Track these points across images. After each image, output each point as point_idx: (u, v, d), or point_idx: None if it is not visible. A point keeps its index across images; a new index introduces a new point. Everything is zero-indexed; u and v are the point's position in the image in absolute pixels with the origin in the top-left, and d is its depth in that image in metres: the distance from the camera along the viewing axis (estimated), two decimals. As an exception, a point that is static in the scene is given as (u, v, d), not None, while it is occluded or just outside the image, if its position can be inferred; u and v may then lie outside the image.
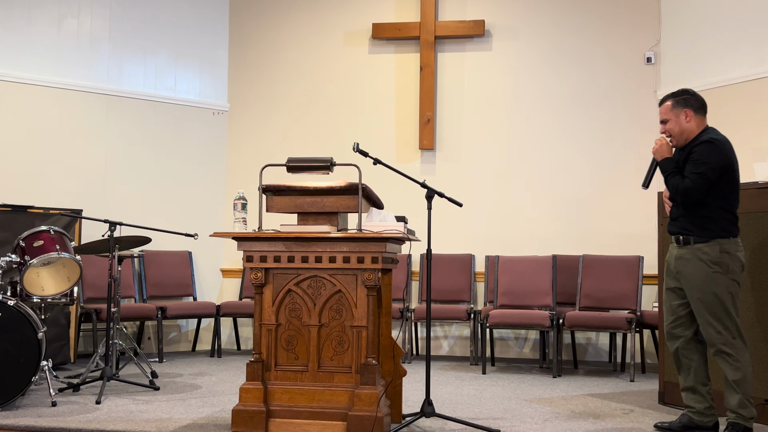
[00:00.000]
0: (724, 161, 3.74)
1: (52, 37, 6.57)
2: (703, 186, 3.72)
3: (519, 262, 6.52)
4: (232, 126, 7.50)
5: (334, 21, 7.40)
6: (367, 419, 3.70)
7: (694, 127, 3.87)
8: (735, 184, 3.80)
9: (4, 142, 6.31)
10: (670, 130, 3.91)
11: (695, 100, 3.89)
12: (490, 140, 7.10)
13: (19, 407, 4.36)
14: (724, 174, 3.76)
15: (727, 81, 6.18)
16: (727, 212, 3.79)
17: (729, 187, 3.78)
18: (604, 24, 6.94)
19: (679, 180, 3.78)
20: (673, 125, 3.89)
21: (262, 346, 3.91)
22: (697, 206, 3.80)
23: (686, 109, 3.87)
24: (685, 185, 3.75)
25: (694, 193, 3.73)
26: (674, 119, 3.89)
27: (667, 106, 3.92)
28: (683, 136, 3.88)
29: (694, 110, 3.87)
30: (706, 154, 3.74)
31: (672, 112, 3.90)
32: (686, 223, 3.84)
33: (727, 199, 3.78)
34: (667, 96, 3.96)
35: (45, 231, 4.94)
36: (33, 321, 4.41)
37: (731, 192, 3.79)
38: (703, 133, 3.84)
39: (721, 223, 3.77)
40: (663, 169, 3.89)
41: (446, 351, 7.05)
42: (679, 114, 3.88)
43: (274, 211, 4.01)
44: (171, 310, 6.46)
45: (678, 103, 3.89)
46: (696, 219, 3.81)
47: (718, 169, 3.73)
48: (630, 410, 4.56)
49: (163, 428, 3.90)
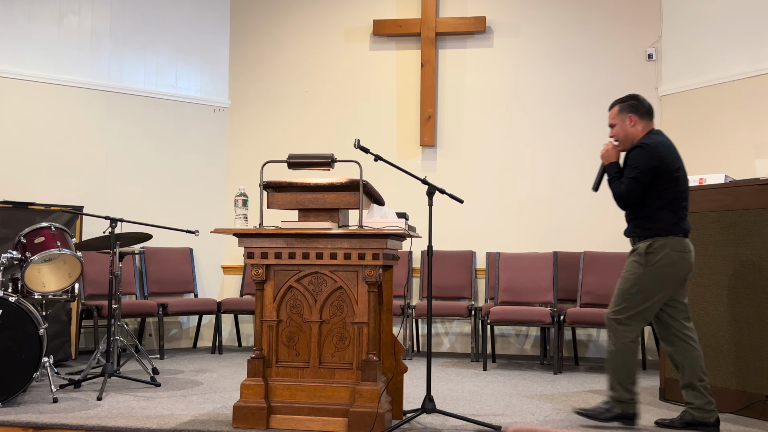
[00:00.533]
0: (654, 164, 3.84)
1: (53, 33, 6.57)
2: (636, 190, 3.86)
3: (520, 259, 6.52)
4: (233, 123, 7.50)
5: (335, 18, 7.39)
6: (368, 415, 3.70)
7: (638, 132, 3.98)
8: (674, 183, 3.88)
9: (5, 138, 6.31)
10: (616, 135, 4.03)
11: (641, 106, 4.01)
12: (491, 137, 7.09)
13: (21, 403, 4.37)
14: (658, 176, 3.86)
15: (727, 78, 6.17)
16: (667, 212, 3.88)
17: (667, 187, 3.87)
18: (605, 20, 6.93)
19: (618, 185, 3.93)
20: (618, 130, 4.02)
21: (263, 342, 3.91)
22: (637, 208, 3.94)
23: (631, 114, 3.99)
24: (620, 190, 3.90)
25: (628, 196, 3.88)
26: (620, 124, 4.02)
27: (614, 111, 4.05)
28: (628, 140, 4.00)
29: (639, 115, 3.99)
30: (637, 158, 3.88)
31: (618, 117, 4.03)
32: (633, 227, 4.00)
33: (665, 198, 3.88)
34: (615, 101, 4.08)
35: (46, 227, 4.94)
36: (34, 317, 4.41)
37: (670, 192, 3.88)
38: (643, 137, 3.95)
39: (661, 222, 3.88)
40: (608, 173, 4.02)
41: (447, 348, 7.05)
42: (624, 119, 4.00)
43: (275, 208, 4.01)
44: (172, 306, 6.46)
45: (624, 108, 4.02)
46: (638, 221, 3.95)
47: (650, 172, 3.84)
48: (631, 407, 4.56)
49: (164, 424, 3.91)
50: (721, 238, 4.44)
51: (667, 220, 3.88)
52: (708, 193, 4.53)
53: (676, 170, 3.88)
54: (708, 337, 4.50)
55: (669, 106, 6.68)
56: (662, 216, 3.88)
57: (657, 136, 3.96)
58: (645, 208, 3.92)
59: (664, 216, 3.88)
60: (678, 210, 3.90)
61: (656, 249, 3.87)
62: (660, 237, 3.87)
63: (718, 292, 4.45)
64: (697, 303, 4.58)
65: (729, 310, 4.39)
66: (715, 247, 4.48)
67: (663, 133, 4.00)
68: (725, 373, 4.39)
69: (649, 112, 4.03)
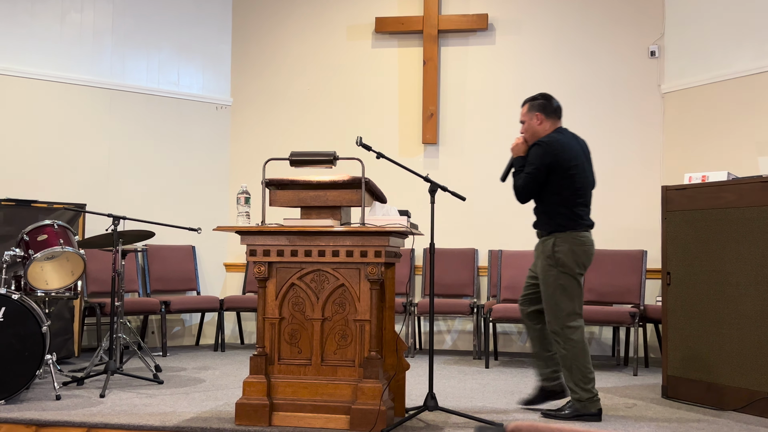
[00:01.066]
0: (548, 160, 4.03)
1: (56, 31, 6.57)
2: (531, 185, 4.06)
3: (522, 257, 6.52)
4: (235, 120, 7.50)
5: (337, 15, 7.39)
6: (371, 413, 3.71)
7: (544, 130, 4.17)
8: (569, 180, 4.07)
9: (8, 136, 6.32)
10: (524, 130, 4.23)
11: (549, 105, 4.20)
12: (493, 134, 7.09)
13: (24, 401, 4.38)
14: (553, 172, 4.05)
15: (730, 74, 6.16)
16: (564, 207, 4.09)
17: (562, 184, 4.06)
18: (608, 17, 6.92)
19: (517, 178, 4.14)
20: (527, 127, 4.21)
21: (265, 339, 3.92)
22: (538, 203, 4.17)
23: (538, 112, 4.19)
24: (517, 185, 4.12)
25: (523, 191, 4.09)
26: (528, 121, 4.21)
27: (525, 109, 4.25)
28: (534, 137, 4.18)
29: (546, 114, 4.18)
30: (533, 155, 4.09)
31: (527, 114, 4.22)
32: (537, 221, 4.23)
33: (561, 195, 4.08)
34: (526, 99, 4.28)
35: (49, 225, 4.95)
36: (37, 315, 4.42)
37: (566, 188, 4.07)
38: (545, 135, 4.14)
39: (557, 218, 4.09)
40: (514, 167, 4.22)
41: (449, 345, 7.05)
42: (532, 117, 4.20)
43: (278, 205, 4.01)
44: (175, 304, 6.47)
45: (533, 107, 4.21)
46: (539, 215, 4.19)
47: (544, 168, 4.04)
48: (633, 404, 4.56)
49: (167, 422, 3.91)
50: (724, 236, 4.44)
51: (564, 216, 4.08)
52: (711, 191, 4.52)
53: (571, 167, 4.06)
54: (710, 334, 4.50)
55: (672, 103, 6.67)
56: (559, 211, 4.09)
57: (558, 134, 4.13)
58: (543, 204, 4.14)
59: (561, 212, 4.08)
60: (574, 206, 4.10)
61: (560, 248, 4.08)
62: (559, 233, 4.09)
63: (721, 289, 4.45)
64: (699, 301, 4.57)
65: (732, 308, 4.38)
66: (718, 245, 4.47)
67: (567, 132, 4.20)
68: (728, 371, 4.39)
69: (557, 111, 4.22)
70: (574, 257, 4.09)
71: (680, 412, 4.35)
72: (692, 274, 4.62)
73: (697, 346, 4.57)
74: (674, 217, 4.74)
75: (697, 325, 4.58)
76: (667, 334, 4.78)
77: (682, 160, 6.52)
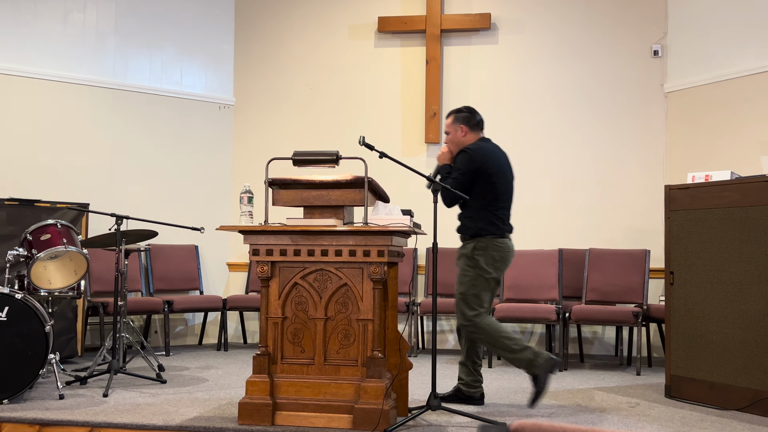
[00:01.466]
0: (474, 166, 4.25)
1: (58, 31, 6.58)
2: (458, 189, 4.21)
3: (525, 256, 6.51)
4: (238, 120, 7.50)
5: (340, 15, 7.39)
6: (374, 412, 3.71)
7: (468, 141, 4.40)
8: (492, 187, 4.30)
9: (11, 136, 6.32)
10: (449, 141, 4.46)
11: (473, 118, 4.46)
12: (495, 133, 7.04)
13: (27, 400, 4.39)
14: (478, 178, 4.27)
15: (733, 74, 6.15)
16: (486, 212, 4.29)
17: (486, 190, 4.28)
18: (611, 17, 6.91)
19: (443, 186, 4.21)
20: (452, 137, 4.45)
21: (268, 339, 3.92)
22: (463, 208, 4.36)
23: (462, 125, 4.43)
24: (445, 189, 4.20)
25: (451, 194, 4.21)
26: (453, 133, 4.45)
27: (450, 120, 4.48)
28: (459, 147, 4.41)
29: (469, 126, 4.43)
30: (460, 161, 4.30)
31: (453, 126, 4.46)
32: (460, 225, 4.40)
33: (485, 200, 4.29)
34: (451, 111, 4.52)
35: (52, 225, 4.95)
36: (40, 314, 4.43)
37: (489, 193, 4.30)
38: (471, 144, 4.37)
39: (480, 222, 4.29)
40: (440, 174, 4.37)
41: (452, 345, 7.05)
42: (457, 129, 4.44)
43: (281, 205, 4.01)
44: (178, 303, 6.47)
45: (457, 119, 4.45)
46: (463, 219, 4.37)
47: (470, 174, 4.25)
48: (636, 404, 4.56)
49: (170, 421, 3.92)
50: (727, 235, 4.43)
51: (486, 220, 4.28)
52: (714, 190, 4.52)
53: (494, 174, 4.29)
54: (714, 334, 4.49)
55: (675, 103, 6.66)
56: (481, 216, 4.28)
57: (483, 143, 4.40)
58: (467, 209, 4.33)
59: (483, 216, 4.28)
60: (496, 211, 4.31)
61: (480, 251, 4.26)
62: (481, 237, 4.28)
63: (724, 289, 4.44)
64: (703, 300, 4.57)
65: (735, 308, 4.38)
66: (721, 244, 4.47)
67: (491, 141, 4.46)
68: (731, 371, 4.39)
69: (479, 124, 4.48)
70: (492, 262, 4.28)
71: (683, 411, 4.35)
72: (695, 274, 4.62)
73: (701, 346, 4.57)
74: (677, 217, 4.74)
75: (701, 324, 4.57)
76: (671, 334, 4.77)
77: (685, 160, 6.51)
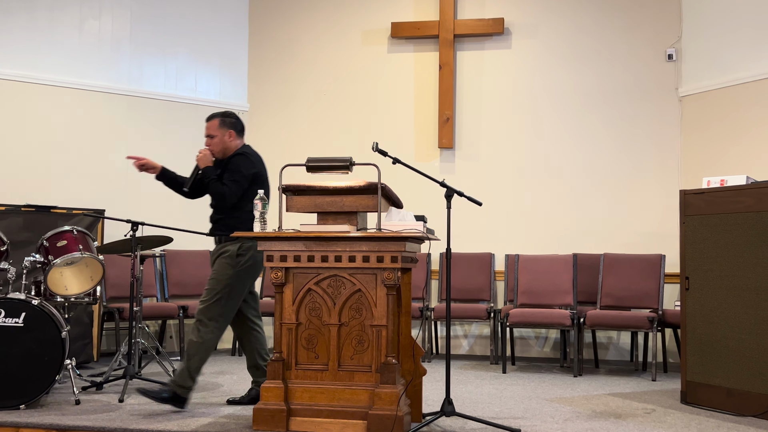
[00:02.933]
0: (253, 171, 4.41)
1: (74, 38, 6.64)
2: (238, 191, 4.36)
3: (539, 261, 6.49)
4: (252, 126, 7.53)
5: (353, 20, 7.41)
6: (388, 418, 3.71)
7: (235, 146, 4.53)
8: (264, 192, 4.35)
9: (27, 143, 6.38)
10: (214, 144, 4.52)
11: (238, 124, 4.58)
12: (509, 138, 7.08)
13: (43, 405, 4.42)
14: (254, 182, 4.40)
15: (749, 78, 6.11)
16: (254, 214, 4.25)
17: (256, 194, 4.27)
18: (625, 21, 6.89)
19: (219, 186, 4.36)
20: (218, 141, 4.52)
21: (282, 345, 3.93)
22: (230, 210, 4.42)
23: (231, 130, 4.53)
24: (223, 191, 4.34)
25: (230, 196, 4.34)
26: (219, 136, 4.52)
27: (214, 124, 4.54)
28: (224, 152, 4.52)
29: (236, 132, 4.56)
30: (240, 164, 4.41)
31: (219, 130, 4.53)
32: (222, 225, 4.44)
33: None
34: (214, 114, 4.58)
35: (68, 231, 4.99)
36: (57, 320, 4.46)
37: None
38: (240, 148, 4.51)
39: (249, 224, 4.41)
40: (206, 176, 4.43)
41: (466, 350, 7.03)
42: (224, 133, 4.52)
43: (294, 211, 4.03)
44: (193, 309, 6.49)
45: (224, 123, 4.54)
46: (229, 221, 4.42)
47: (250, 177, 4.39)
48: (652, 410, 4.53)
49: (185, 426, 3.93)
50: (743, 240, 4.40)
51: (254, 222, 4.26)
52: (729, 195, 4.49)
53: (266, 180, 4.48)
54: (730, 339, 4.46)
55: (689, 107, 6.63)
56: (250, 219, 4.39)
57: (252, 150, 4.54)
58: (237, 210, 4.41)
59: (252, 219, 4.36)
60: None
61: (245, 251, 4.33)
62: (247, 239, 4.32)
63: (740, 294, 4.41)
64: (718, 306, 4.54)
65: (751, 313, 4.35)
66: (737, 249, 4.44)
67: (253, 149, 4.57)
68: (748, 376, 4.35)
69: (243, 130, 4.62)
70: (254, 264, 4.38)
71: (699, 417, 4.32)
72: (711, 279, 4.59)
73: (717, 351, 4.53)
74: (693, 222, 4.71)
75: (717, 330, 4.54)
76: (686, 339, 4.74)
77: (700, 164, 6.47)
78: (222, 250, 4.39)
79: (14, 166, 6.32)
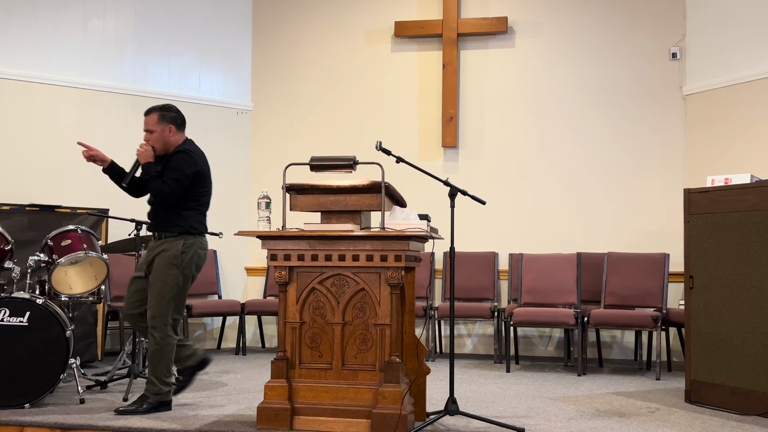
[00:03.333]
0: (196, 169, 4.29)
1: (78, 38, 6.65)
2: (179, 190, 4.25)
3: (543, 260, 6.49)
4: (256, 125, 7.54)
5: (356, 19, 7.40)
6: (391, 417, 3.71)
7: (176, 141, 4.39)
8: (205, 189, 4.39)
9: (32, 142, 6.39)
10: (154, 140, 4.38)
11: (179, 118, 4.43)
12: (513, 137, 7.07)
13: (48, 404, 4.42)
14: (197, 180, 4.31)
15: (753, 76, 6.10)
16: (196, 212, 4.35)
17: (200, 192, 4.35)
18: (628, 19, 6.88)
19: (160, 184, 4.24)
20: (157, 136, 4.37)
21: (286, 343, 3.93)
22: (171, 207, 4.31)
23: (171, 125, 4.39)
24: (163, 189, 4.22)
25: (171, 195, 4.23)
26: (159, 131, 4.37)
27: (153, 119, 4.38)
28: (165, 147, 4.38)
29: (177, 126, 4.41)
30: (182, 162, 4.28)
31: (158, 125, 4.37)
32: (162, 222, 4.33)
33: (198, 201, 4.35)
34: (153, 108, 4.42)
35: (72, 230, 5.00)
36: (61, 319, 4.47)
37: (203, 195, 4.38)
38: (182, 144, 4.38)
39: (191, 221, 4.33)
40: (146, 172, 4.33)
41: (470, 349, 7.03)
42: (164, 128, 4.37)
43: (298, 210, 4.03)
44: (196, 308, 6.51)
45: (164, 118, 4.38)
46: (169, 217, 4.31)
47: (192, 175, 4.28)
48: (656, 409, 4.53)
49: (188, 425, 3.94)
50: (747, 239, 4.39)
51: (195, 220, 4.34)
52: (734, 193, 4.48)
53: (208, 177, 4.40)
54: (734, 338, 4.45)
55: (693, 105, 6.62)
56: (193, 216, 4.33)
57: (194, 146, 4.42)
58: (178, 207, 4.30)
59: (193, 216, 4.33)
60: (204, 212, 4.41)
61: (187, 248, 4.27)
62: (189, 235, 4.30)
63: (744, 293, 4.40)
64: (723, 304, 4.53)
65: (756, 312, 4.34)
66: (741, 248, 4.43)
67: (195, 144, 4.45)
68: (752, 375, 4.34)
69: (184, 123, 4.47)
70: (197, 260, 4.35)
71: (704, 417, 4.31)
72: (715, 278, 4.58)
73: (721, 350, 4.53)
74: (697, 220, 4.71)
75: (721, 328, 4.53)
76: (690, 338, 4.73)
77: (704, 163, 6.46)
78: (161, 248, 4.28)
79: (18, 166, 6.33)
